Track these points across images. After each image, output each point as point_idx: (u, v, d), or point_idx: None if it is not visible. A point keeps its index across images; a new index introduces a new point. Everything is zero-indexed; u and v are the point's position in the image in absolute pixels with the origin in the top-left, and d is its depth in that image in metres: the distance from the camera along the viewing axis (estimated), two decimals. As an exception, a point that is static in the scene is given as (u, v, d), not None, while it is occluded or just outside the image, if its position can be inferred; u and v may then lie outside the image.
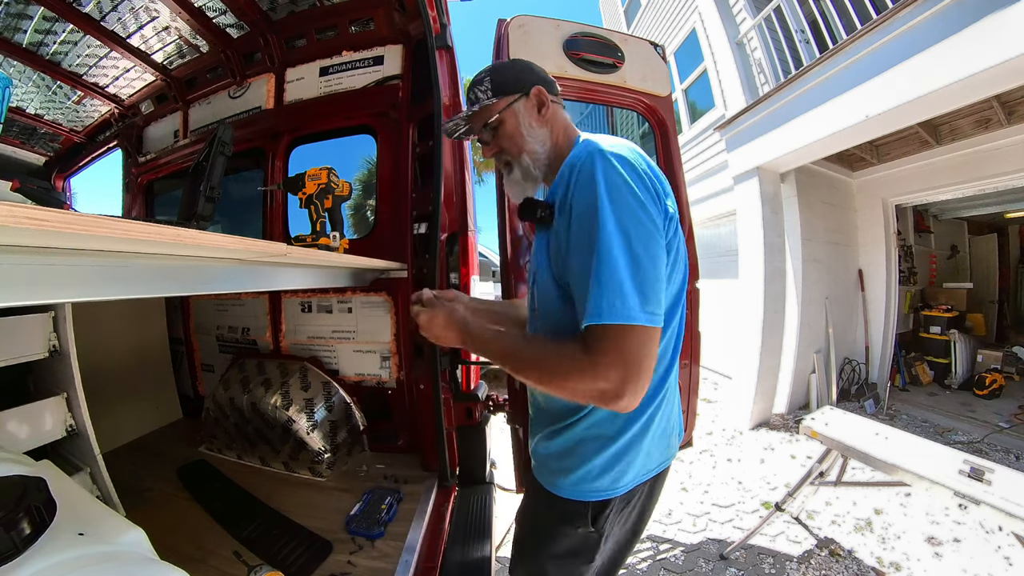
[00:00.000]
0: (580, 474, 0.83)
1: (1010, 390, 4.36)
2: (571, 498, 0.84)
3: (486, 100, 0.86)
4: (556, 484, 0.87)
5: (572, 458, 0.84)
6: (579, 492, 0.84)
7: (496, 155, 0.91)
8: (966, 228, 6.39)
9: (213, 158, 1.00)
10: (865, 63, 2.87)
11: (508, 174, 0.90)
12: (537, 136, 0.87)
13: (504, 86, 0.86)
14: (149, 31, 2.10)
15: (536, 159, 0.87)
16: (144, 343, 2.36)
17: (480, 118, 0.89)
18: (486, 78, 0.87)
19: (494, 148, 0.90)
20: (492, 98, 0.86)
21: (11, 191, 0.87)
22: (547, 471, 0.89)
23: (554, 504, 0.87)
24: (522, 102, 0.86)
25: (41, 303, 1.14)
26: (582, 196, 0.69)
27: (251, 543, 1.36)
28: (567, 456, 0.85)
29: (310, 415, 1.79)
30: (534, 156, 0.87)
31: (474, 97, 0.87)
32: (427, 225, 1.71)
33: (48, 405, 1.34)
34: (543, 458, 0.91)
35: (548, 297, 0.81)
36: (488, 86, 0.86)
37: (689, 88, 5.96)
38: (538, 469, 0.93)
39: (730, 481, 3.02)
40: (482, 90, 0.86)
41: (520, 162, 0.87)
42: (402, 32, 1.96)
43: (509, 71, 0.88)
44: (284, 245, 0.87)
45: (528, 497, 1.00)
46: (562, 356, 0.68)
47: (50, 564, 0.63)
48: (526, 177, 0.88)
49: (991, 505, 1.51)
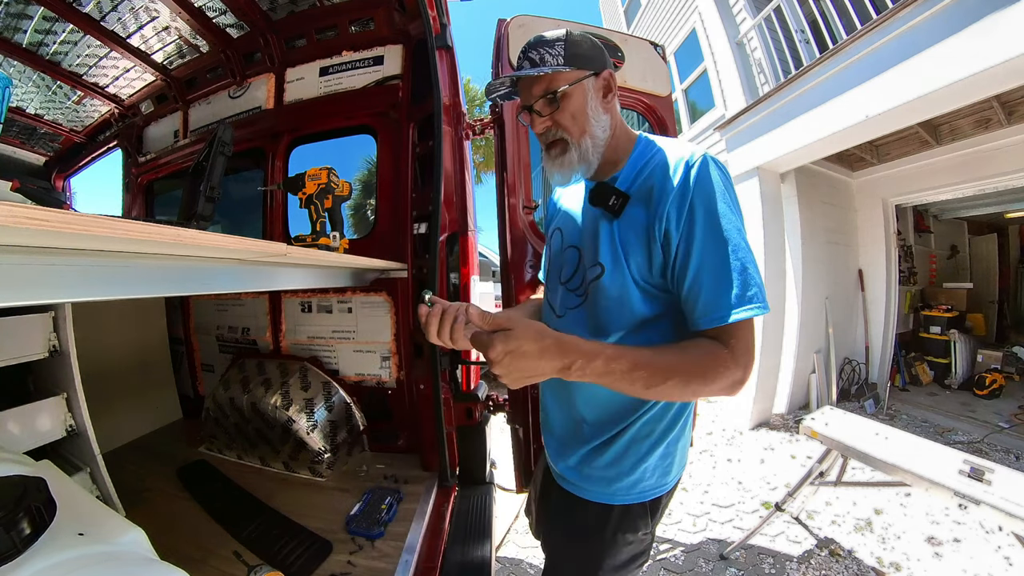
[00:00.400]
0: (637, 475, 0.82)
1: (1010, 390, 4.37)
2: (630, 503, 0.83)
3: (556, 65, 0.74)
4: (611, 492, 0.84)
5: (627, 461, 0.82)
6: (637, 494, 0.83)
7: (547, 130, 0.79)
8: (966, 228, 6.40)
9: (213, 158, 1.00)
10: (865, 63, 2.87)
11: (558, 154, 0.80)
12: (601, 121, 0.79)
13: (578, 58, 0.75)
14: (149, 31, 2.10)
15: (596, 145, 0.79)
16: (144, 343, 2.36)
17: (544, 83, 0.76)
18: (559, 41, 0.75)
19: (548, 122, 0.78)
20: (564, 66, 0.74)
21: (11, 191, 0.87)
22: (598, 482, 0.85)
23: (609, 514, 0.84)
24: (592, 81, 0.78)
25: (41, 303, 1.14)
26: (708, 196, 0.68)
27: (251, 543, 1.36)
28: (621, 460, 0.82)
29: (310, 415, 1.79)
30: (595, 141, 0.79)
31: (538, 57, 0.75)
32: (427, 225, 1.71)
33: (48, 405, 1.34)
34: (593, 471, 0.85)
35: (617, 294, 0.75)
36: (561, 51, 0.74)
37: (689, 88, 5.96)
38: (583, 484, 0.87)
39: (730, 481, 3.02)
40: (552, 53, 0.74)
41: (580, 145, 0.78)
42: (402, 32, 1.95)
43: (586, 43, 0.77)
44: (284, 245, 0.87)
45: (565, 520, 0.92)
46: (702, 354, 0.65)
47: (50, 564, 0.63)
48: (581, 161, 0.79)
49: (991, 505, 1.51)
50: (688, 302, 0.69)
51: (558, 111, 0.77)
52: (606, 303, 0.77)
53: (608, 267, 0.77)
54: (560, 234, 0.94)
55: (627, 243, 0.74)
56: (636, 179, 0.77)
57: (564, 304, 0.87)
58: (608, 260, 0.77)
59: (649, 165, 0.76)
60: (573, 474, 0.88)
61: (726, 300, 0.65)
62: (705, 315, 0.67)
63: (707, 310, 0.67)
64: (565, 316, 0.86)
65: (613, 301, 0.76)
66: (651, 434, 0.81)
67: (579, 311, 0.83)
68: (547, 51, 0.75)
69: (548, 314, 0.92)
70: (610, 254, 0.77)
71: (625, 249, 0.75)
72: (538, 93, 0.77)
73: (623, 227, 0.76)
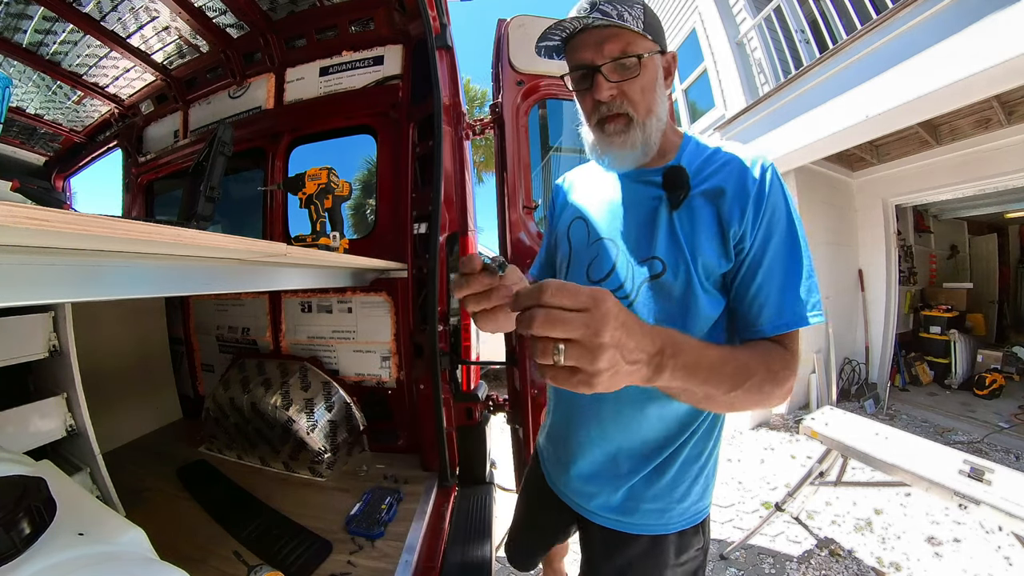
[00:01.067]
0: (692, 498, 0.78)
1: (1010, 390, 4.36)
2: (685, 528, 0.78)
3: (635, 26, 0.63)
4: (664, 523, 0.78)
5: (679, 488, 0.77)
6: (690, 518, 0.79)
7: (612, 100, 0.67)
8: (966, 228, 6.40)
9: (213, 158, 1.00)
10: (865, 63, 2.87)
11: (619, 131, 0.69)
12: (664, 104, 0.71)
13: (654, 29, 0.66)
14: (149, 31, 2.10)
15: (659, 127, 0.71)
16: (144, 343, 2.36)
17: (622, 42, 0.64)
18: (637, 4, 0.64)
19: (615, 90, 0.66)
20: (643, 31, 0.64)
21: (11, 191, 0.87)
22: (649, 515, 0.78)
23: (664, 544, 0.78)
24: (660, 58, 0.69)
25: (41, 303, 1.14)
26: (784, 202, 0.66)
27: (251, 543, 1.36)
28: (674, 488, 0.76)
29: (310, 415, 1.79)
30: (659, 123, 0.70)
31: (615, 12, 0.62)
32: (427, 225, 1.71)
33: (48, 405, 1.34)
34: (641, 504, 0.78)
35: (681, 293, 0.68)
36: (641, 14, 0.64)
37: (689, 88, 5.95)
38: (629, 520, 0.79)
39: (730, 481, 3.02)
40: (632, 14, 0.63)
41: (646, 124, 0.69)
42: (402, 32, 1.96)
43: (657, 17, 0.68)
44: (284, 245, 0.87)
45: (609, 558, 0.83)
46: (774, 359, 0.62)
47: (50, 564, 0.63)
48: (643, 142, 0.70)
49: (991, 505, 1.51)
50: (754, 306, 0.66)
51: (629, 81, 0.66)
52: (667, 305, 0.69)
53: (669, 263, 0.68)
54: (585, 225, 0.82)
55: (693, 238, 0.67)
56: (700, 172, 0.70)
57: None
58: (668, 254, 0.69)
59: (715, 162, 0.70)
60: (616, 512, 0.81)
61: (797, 305, 0.63)
62: (774, 319, 0.64)
63: (776, 314, 0.64)
64: None
65: (677, 303, 0.68)
66: (702, 454, 0.77)
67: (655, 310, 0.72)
68: (626, 8, 0.63)
69: None
70: (671, 248, 0.68)
71: (691, 244, 0.67)
72: (612, 52, 0.64)
73: (684, 220, 0.68)
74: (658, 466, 0.75)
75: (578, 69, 0.69)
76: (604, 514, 0.81)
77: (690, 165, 0.71)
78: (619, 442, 0.77)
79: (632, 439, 0.76)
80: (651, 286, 0.70)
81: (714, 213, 0.66)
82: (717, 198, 0.66)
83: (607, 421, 0.77)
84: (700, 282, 0.67)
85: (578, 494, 0.85)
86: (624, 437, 0.77)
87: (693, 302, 0.67)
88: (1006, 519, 1.49)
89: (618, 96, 0.67)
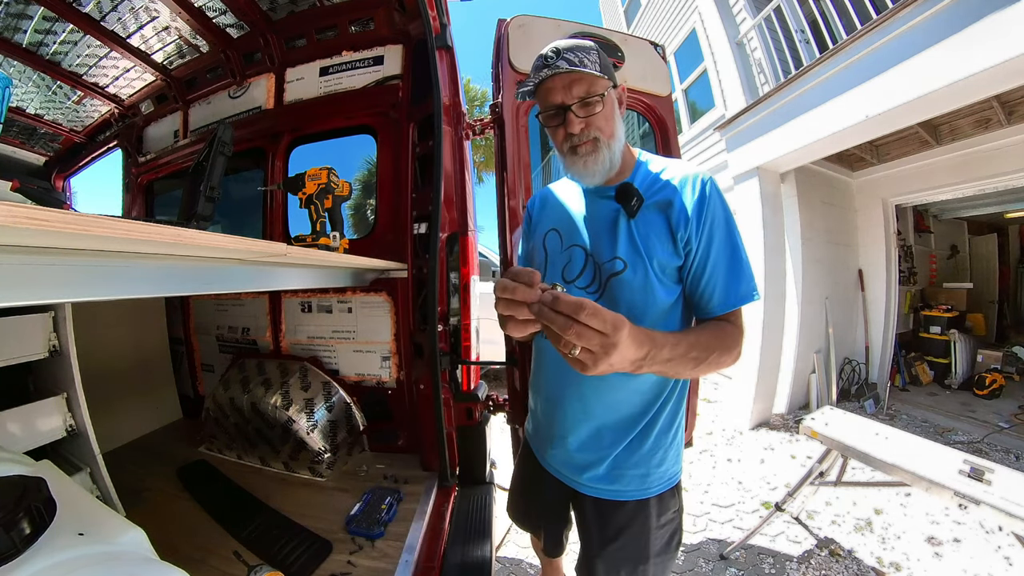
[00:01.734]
0: (666, 464, 0.91)
1: (1010, 390, 4.37)
2: (663, 491, 0.91)
3: (594, 69, 0.78)
4: (646, 487, 0.91)
5: (657, 454, 0.90)
6: (667, 480, 0.92)
7: (582, 131, 0.83)
8: (966, 228, 6.40)
9: (213, 158, 1.00)
10: (865, 63, 2.87)
11: (590, 152, 0.84)
12: (621, 128, 0.88)
13: (606, 68, 0.82)
14: (149, 31, 2.10)
15: (619, 148, 0.87)
16: (144, 343, 2.36)
17: (586, 84, 0.80)
18: (593, 51, 0.80)
19: (583, 123, 0.83)
20: (600, 72, 0.79)
21: (11, 191, 0.87)
22: (633, 480, 0.91)
23: (647, 507, 0.91)
24: (613, 92, 0.86)
25: (41, 303, 1.14)
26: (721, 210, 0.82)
27: (251, 543, 1.36)
28: (653, 454, 0.90)
29: (310, 415, 1.79)
30: (620, 144, 0.87)
31: (578, 60, 0.78)
32: (427, 225, 1.71)
33: (48, 405, 1.34)
34: (625, 471, 0.90)
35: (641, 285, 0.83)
36: (596, 60, 0.80)
37: (689, 88, 5.96)
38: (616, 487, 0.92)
39: (730, 481, 3.02)
40: (590, 60, 0.79)
41: (611, 144, 0.85)
42: (402, 32, 1.95)
43: (606, 57, 0.84)
44: (284, 245, 0.87)
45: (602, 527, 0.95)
46: (726, 334, 0.78)
47: (50, 564, 0.63)
48: (609, 160, 0.86)
49: (991, 505, 1.51)
50: (705, 293, 0.82)
51: (593, 115, 0.82)
52: (631, 295, 0.84)
53: (629, 262, 0.84)
54: (557, 235, 0.98)
55: (648, 241, 0.83)
56: (652, 186, 0.86)
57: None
58: (628, 255, 0.84)
59: (664, 178, 0.86)
60: (603, 481, 0.93)
61: (739, 290, 0.81)
62: (723, 302, 0.81)
63: (725, 298, 0.81)
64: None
65: (638, 293, 0.83)
66: (673, 422, 0.91)
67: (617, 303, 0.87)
68: (585, 56, 0.79)
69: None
70: (630, 249, 0.84)
71: (646, 246, 0.83)
72: (579, 93, 0.81)
73: (641, 227, 0.84)
74: (638, 435, 0.89)
75: (550, 109, 0.84)
76: (593, 484, 0.94)
77: (644, 181, 0.88)
78: (602, 417, 0.90)
79: (613, 413, 0.90)
80: (615, 281, 0.85)
81: (664, 220, 0.83)
82: (667, 208, 0.83)
83: (589, 399, 0.91)
84: (656, 276, 0.83)
85: (569, 467, 0.98)
86: (605, 412, 0.90)
87: (651, 292, 0.83)
88: (1006, 519, 1.49)
89: (587, 127, 0.83)
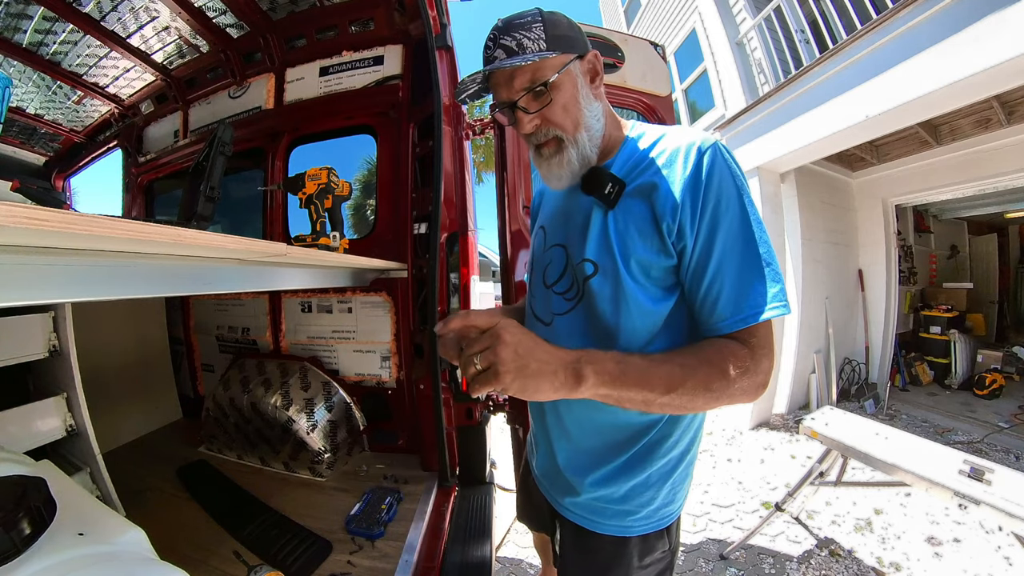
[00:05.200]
0: (657, 503, 0.75)
1: (1010, 390, 4.36)
2: (649, 532, 0.76)
3: (539, 51, 0.61)
4: (629, 524, 0.76)
5: (647, 491, 0.74)
6: (658, 521, 0.76)
7: (536, 130, 0.68)
8: (966, 228, 6.39)
9: (213, 158, 1.00)
10: (865, 63, 2.87)
11: (553, 154, 0.69)
12: (594, 110, 0.69)
13: (561, 40, 0.63)
14: (149, 31, 2.10)
15: (593, 138, 0.69)
16: (144, 343, 2.36)
17: (527, 74, 0.64)
18: (535, 24, 0.62)
19: (536, 119, 0.67)
20: (548, 51, 0.61)
21: (11, 191, 0.87)
22: (613, 516, 0.76)
23: (626, 546, 0.77)
24: (577, 65, 0.67)
25: (41, 303, 1.14)
26: (725, 186, 0.61)
27: (251, 543, 1.36)
28: (642, 491, 0.74)
29: (310, 415, 1.79)
30: (591, 134, 0.69)
31: (515, 44, 0.61)
32: (427, 225, 1.71)
33: (48, 405, 1.34)
34: (604, 502, 0.76)
35: (611, 294, 0.66)
36: (540, 34, 0.62)
37: (689, 88, 5.95)
38: (594, 518, 0.78)
39: (730, 481, 3.02)
40: (531, 37, 0.61)
41: (576, 141, 0.67)
42: (402, 32, 1.95)
43: (563, 21, 0.65)
44: (284, 245, 0.87)
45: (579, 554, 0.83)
46: (727, 361, 0.57)
47: (50, 564, 0.63)
48: (579, 159, 0.68)
49: (991, 505, 1.51)
50: (707, 302, 0.61)
51: (549, 105, 0.65)
52: (603, 304, 0.67)
53: (600, 264, 0.67)
54: (543, 233, 0.84)
55: (626, 237, 0.65)
56: (635, 168, 0.68)
57: (551, 310, 0.75)
58: (598, 255, 0.68)
59: (650, 153, 0.67)
60: (583, 509, 0.80)
61: (753, 299, 0.58)
62: (733, 315, 0.59)
63: (730, 311, 0.59)
64: (554, 324, 0.75)
65: (608, 301, 0.67)
66: (668, 460, 0.74)
67: (572, 317, 0.72)
68: (524, 35, 0.61)
69: (532, 324, 0.81)
70: (602, 249, 0.68)
71: (623, 243, 0.65)
72: (522, 86, 0.65)
73: (619, 219, 0.66)
74: (624, 464, 0.74)
75: (499, 108, 0.70)
76: (573, 510, 0.82)
77: (627, 162, 0.70)
78: (579, 440, 0.78)
79: (593, 438, 0.76)
80: (587, 287, 0.69)
81: (647, 209, 0.64)
82: (650, 194, 0.64)
83: (564, 415, 0.78)
84: (634, 279, 0.65)
85: (554, 488, 0.87)
86: (583, 435, 0.77)
87: (624, 301, 0.65)
88: (1006, 519, 1.49)
89: (542, 124, 0.67)
